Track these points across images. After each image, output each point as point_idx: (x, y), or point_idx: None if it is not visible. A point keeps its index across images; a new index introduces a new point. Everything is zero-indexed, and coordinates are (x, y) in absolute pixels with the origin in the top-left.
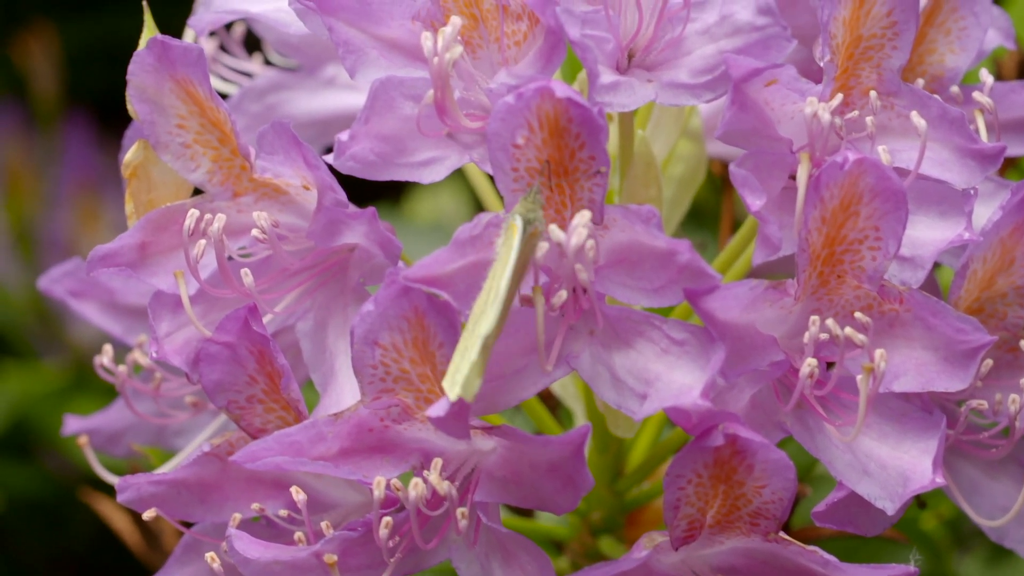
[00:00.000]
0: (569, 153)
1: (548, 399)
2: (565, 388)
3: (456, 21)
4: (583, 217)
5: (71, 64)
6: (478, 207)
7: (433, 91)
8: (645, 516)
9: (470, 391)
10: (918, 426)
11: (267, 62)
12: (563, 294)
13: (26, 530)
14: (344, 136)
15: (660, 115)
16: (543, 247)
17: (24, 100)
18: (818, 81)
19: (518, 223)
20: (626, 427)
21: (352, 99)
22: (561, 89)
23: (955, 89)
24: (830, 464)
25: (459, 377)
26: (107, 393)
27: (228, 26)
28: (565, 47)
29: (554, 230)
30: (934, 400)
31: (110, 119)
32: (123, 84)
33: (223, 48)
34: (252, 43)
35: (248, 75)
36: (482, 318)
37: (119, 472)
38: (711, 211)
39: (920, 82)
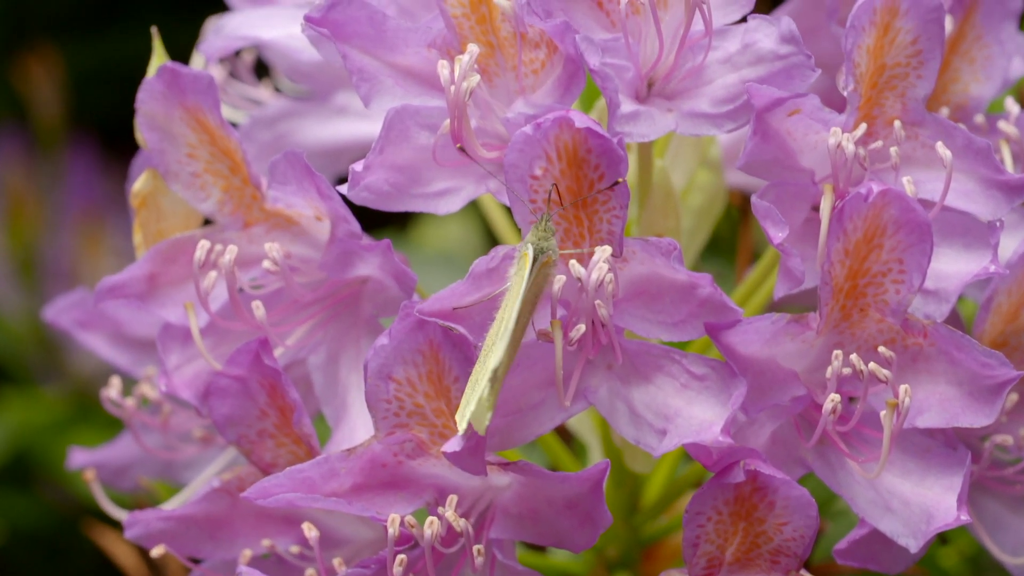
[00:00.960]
0: (588, 184)
1: (562, 432)
2: (580, 422)
3: (473, 49)
4: (603, 252)
5: (75, 87)
6: (487, 235)
7: (449, 120)
8: (661, 552)
9: (481, 425)
10: (942, 462)
11: (276, 90)
12: (581, 328)
13: (27, 562)
14: (358, 166)
15: (679, 145)
16: (560, 280)
17: (26, 124)
18: (840, 110)
19: (530, 252)
20: (644, 462)
21: (364, 128)
22: (580, 119)
23: (980, 118)
24: (852, 501)
25: (468, 411)
26: (109, 423)
27: (236, 53)
28: (584, 76)
29: (574, 265)
30: (958, 435)
31: (114, 143)
32: (128, 108)
33: (231, 75)
34: (260, 70)
35: (256, 102)
36: (492, 350)
37: (123, 505)
38: (726, 241)
39: (944, 111)
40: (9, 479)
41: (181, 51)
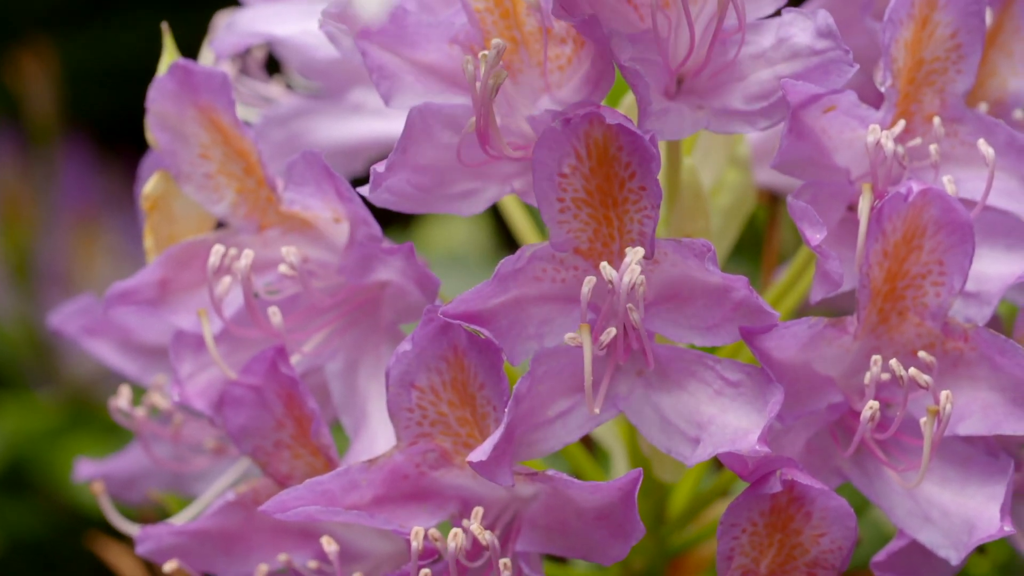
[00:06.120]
0: (618, 183)
1: (584, 440)
2: (604, 429)
3: (499, 44)
4: (636, 254)
5: (69, 83)
6: (495, 234)
7: (475, 119)
8: (687, 563)
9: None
10: (983, 471)
11: (287, 87)
12: (611, 332)
13: (24, 573)
14: (380, 167)
15: (708, 143)
16: (590, 282)
17: (19, 121)
18: (875, 107)
19: None
20: (673, 471)
21: (380, 126)
22: (611, 115)
23: (1019, 114)
24: (890, 511)
25: None
26: (106, 430)
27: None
28: (614, 72)
29: (605, 267)
30: (998, 443)
31: (110, 141)
32: (123, 104)
33: (242, 71)
34: (270, 67)
35: (267, 100)
36: None
37: (126, 516)
38: (748, 242)
39: (982, 106)
40: (4, 487)
41: (178, 48)
